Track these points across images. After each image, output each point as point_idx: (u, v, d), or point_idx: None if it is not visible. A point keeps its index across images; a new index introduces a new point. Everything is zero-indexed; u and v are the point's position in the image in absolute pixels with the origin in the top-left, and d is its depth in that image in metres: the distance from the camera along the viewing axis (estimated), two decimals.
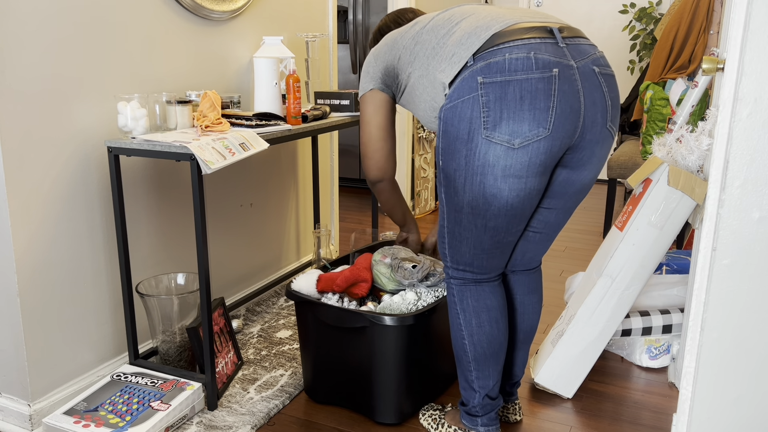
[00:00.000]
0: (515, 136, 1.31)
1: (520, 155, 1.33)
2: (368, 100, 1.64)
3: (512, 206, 1.39)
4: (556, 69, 1.31)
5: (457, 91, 1.36)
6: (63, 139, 1.70)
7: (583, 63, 1.35)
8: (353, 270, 1.85)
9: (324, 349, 1.80)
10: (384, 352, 1.69)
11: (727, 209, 1.19)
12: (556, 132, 1.32)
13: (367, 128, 1.66)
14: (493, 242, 1.47)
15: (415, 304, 1.75)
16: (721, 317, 1.23)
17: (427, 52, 1.47)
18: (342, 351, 1.77)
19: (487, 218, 1.42)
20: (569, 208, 1.54)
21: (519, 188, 1.36)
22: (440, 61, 1.42)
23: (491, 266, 1.52)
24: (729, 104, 1.15)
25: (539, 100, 1.30)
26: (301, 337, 1.86)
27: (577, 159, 1.43)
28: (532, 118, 1.30)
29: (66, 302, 1.76)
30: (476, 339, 1.54)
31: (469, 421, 1.61)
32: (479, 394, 1.58)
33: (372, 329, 1.68)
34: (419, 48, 1.49)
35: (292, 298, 1.82)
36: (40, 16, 1.60)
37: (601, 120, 1.39)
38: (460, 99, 1.35)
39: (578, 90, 1.33)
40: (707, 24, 3.09)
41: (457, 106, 1.35)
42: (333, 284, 1.83)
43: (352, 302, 1.87)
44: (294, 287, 1.84)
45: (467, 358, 1.56)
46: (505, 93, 1.31)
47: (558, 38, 1.35)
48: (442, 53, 1.42)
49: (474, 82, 1.33)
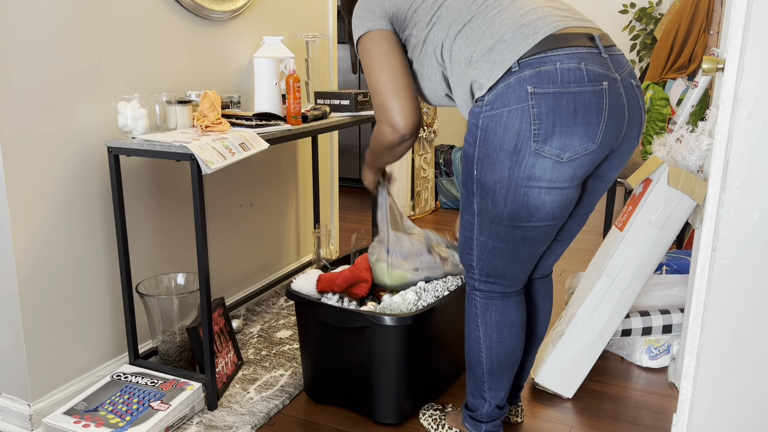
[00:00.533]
0: (566, 149, 1.27)
1: (566, 168, 1.29)
2: (377, 36, 1.41)
3: (553, 216, 1.36)
4: (606, 82, 1.27)
5: (501, 99, 1.27)
6: (63, 139, 1.70)
7: (623, 76, 1.33)
8: (353, 270, 1.84)
9: (324, 349, 1.80)
10: (384, 352, 1.69)
11: (727, 209, 1.19)
12: (602, 146, 1.30)
13: (387, 63, 1.40)
14: (529, 253, 1.43)
15: (416, 304, 1.75)
16: (721, 317, 1.23)
17: (453, 23, 1.34)
18: (342, 351, 1.76)
19: (527, 230, 1.37)
20: (588, 214, 1.54)
21: (561, 199, 1.33)
22: (472, 49, 1.31)
23: (521, 278, 1.48)
24: (729, 104, 1.15)
25: (592, 114, 1.26)
26: (301, 337, 1.85)
27: (606, 168, 1.42)
28: (584, 133, 1.26)
29: (66, 302, 1.76)
30: (494, 353, 1.50)
31: (472, 426, 1.59)
32: (489, 405, 1.55)
33: (372, 329, 1.68)
34: (443, 12, 1.36)
35: (292, 298, 1.82)
36: (39, 16, 1.60)
37: (636, 133, 1.39)
38: (505, 108, 1.27)
39: (624, 104, 1.31)
40: (707, 24, 3.09)
41: (503, 115, 1.27)
42: (333, 284, 1.82)
43: (352, 302, 1.87)
44: (294, 287, 1.83)
45: (481, 370, 1.52)
46: (559, 105, 1.25)
47: (600, 48, 1.30)
48: (474, 39, 1.31)
49: (523, 91, 1.25)
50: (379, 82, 1.40)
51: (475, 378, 1.55)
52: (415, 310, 1.73)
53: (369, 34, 1.41)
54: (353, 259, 2.06)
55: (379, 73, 1.40)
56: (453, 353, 1.95)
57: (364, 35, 1.42)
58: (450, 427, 1.67)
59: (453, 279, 1.86)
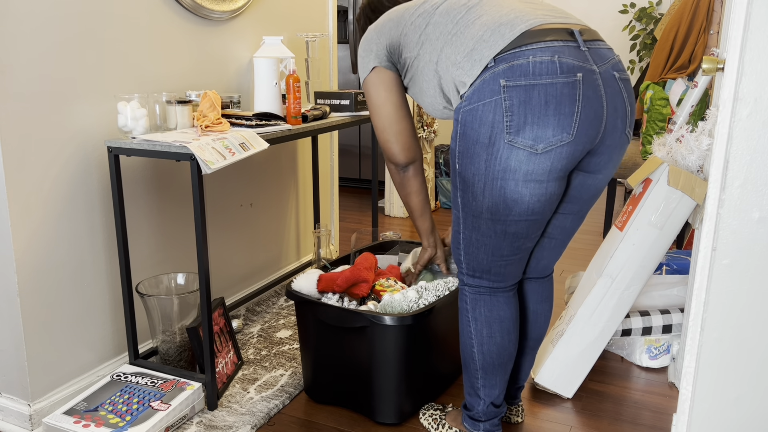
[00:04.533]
0: (539, 141, 1.29)
1: (542, 160, 1.30)
2: (376, 80, 1.53)
3: (533, 211, 1.37)
4: (580, 74, 1.29)
5: (477, 93, 1.32)
6: (63, 139, 1.70)
7: (605, 68, 1.34)
8: (354, 270, 1.84)
9: (324, 349, 1.80)
10: (384, 351, 1.69)
11: (727, 209, 1.19)
12: (579, 137, 1.31)
13: (383, 110, 1.55)
14: (512, 248, 1.44)
15: (416, 302, 1.74)
16: (721, 317, 1.23)
17: (440, 36, 1.40)
18: (342, 351, 1.76)
19: (507, 224, 1.39)
20: (583, 212, 1.54)
21: (540, 193, 1.34)
22: (456, 53, 1.36)
23: (508, 273, 1.49)
24: (729, 104, 1.15)
25: (564, 105, 1.27)
26: (301, 337, 1.85)
27: (594, 163, 1.42)
28: (556, 124, 1.28)
29: (66, 302, 1.76)
30: (486, 349, 1.52)
31: (471, 425, 1.60)
32: (484, 402, 1.56)
33: (372, 329, 1.67)
34: (431, 30, 1.42)
35: (293, 298, 1.81)
36: (39, 16, 1.60)
37: (621, 126, 1.39)
38: (480, 102, 1.31)
39: (601, 95, 1.32)
40: (707, 24, 3.09)
41: (478, 109, 1.32)
42: (334, 284, 1.82)
43: (352, 302, 1.86)
44: (294, 287, 1.83)
45: (475, 366, 1.54)
46: (530, 97, 1.28)
47: (579, 41, 1.32)
48: (458, 43, 1.36)
49: (496, 84, 1.29)
50: (379, 127, 1.58)
51: (470, 375, 1.56)
52: (416, 308, 1.72)
53: (369, 77, 1.54)
54: (353, 259, 2.05)
55: (380, 113, 1.56)
56: (453, 353, 1.95)
57: (366, 78, 1.55)
58: (450, 427, 1.67)
59: (454, 279, 1.87)
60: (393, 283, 1.89)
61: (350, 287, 1.84)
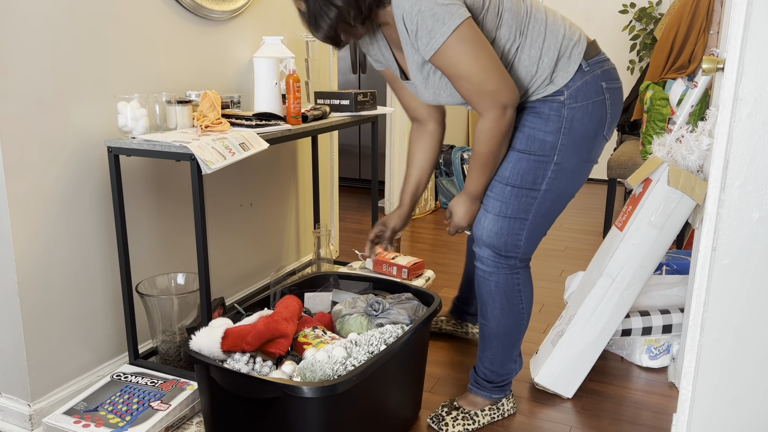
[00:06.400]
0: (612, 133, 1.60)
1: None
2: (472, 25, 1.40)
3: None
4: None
5: (583, 92, 1.51)
6: (63, 139, 1.70)
7: None
8: (269, 323, 1.53)
9: (229, 427, 1.45)
10: (302, 430, 1.34)
11: (727, 209, 1.19)
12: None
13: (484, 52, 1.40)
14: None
15: (343, 363, 1.39)
16: (721, 317, 1.23)
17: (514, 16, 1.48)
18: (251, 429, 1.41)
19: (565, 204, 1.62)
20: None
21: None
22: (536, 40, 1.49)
23: None
24: (729, 104, 1.15)
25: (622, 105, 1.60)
26: (203, 411, 1.52)
27: None
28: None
29: (66, 302, 1.76)
30: (527, 315, 1.71)
31: (500, 392, 1.77)
32: (518, 363, 1.77)
33: (286, 401, 1.33)
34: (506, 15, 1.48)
35: (190, 361, 1.46)
36: (39, 16, 1.60)
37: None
38: (589, 100, 1.51)
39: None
40: (707, 24, 3.09)
41: (588, 107, 1.52)
42: (243, 342, 1.49)
43: (267, 362, 1.53)
44: (193, 346, 1.48)
45: (519, 336, 1.71)
46: (619, 98, 1.57)
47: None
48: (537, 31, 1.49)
49: (599, 86, 1.52)
50: (487, 68, 1.40)
51: (511, 346, 1.71)
52: (343, 372, 1.38)
53: (464, 25, 1.37)
54: (273, 301, 1.78)
55: (485, 59, 1.40)
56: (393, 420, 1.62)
57: (462, 23, 1.37)
58: (482, 409, 1.75)
59: (392, 328, 1.55)
60: (321, 333, 1.61)
61: (264, 345, 1.53)
